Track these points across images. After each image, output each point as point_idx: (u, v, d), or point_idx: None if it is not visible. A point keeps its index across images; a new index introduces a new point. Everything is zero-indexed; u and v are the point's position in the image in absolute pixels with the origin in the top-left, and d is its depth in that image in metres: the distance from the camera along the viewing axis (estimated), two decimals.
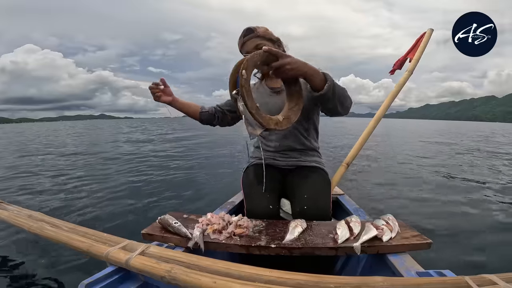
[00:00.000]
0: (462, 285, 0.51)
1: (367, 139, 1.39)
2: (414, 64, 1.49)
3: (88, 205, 2.59)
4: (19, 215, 1.00)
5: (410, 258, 0.76)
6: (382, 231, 0.82)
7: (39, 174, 4.13)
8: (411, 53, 1.58)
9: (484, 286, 0.50)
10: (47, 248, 1.65)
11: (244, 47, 1.17)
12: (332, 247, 0.79)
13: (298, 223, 0.89)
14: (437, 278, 0.55)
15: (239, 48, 1.21)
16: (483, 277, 0.54)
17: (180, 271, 0.62)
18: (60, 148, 8.27)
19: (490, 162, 5.53)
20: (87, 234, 0.79)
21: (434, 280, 0.54)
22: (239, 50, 1.21)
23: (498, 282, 0.50)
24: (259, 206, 1.04)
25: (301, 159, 1.22)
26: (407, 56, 1.61)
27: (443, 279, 0.54)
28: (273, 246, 0.80)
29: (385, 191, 3.25)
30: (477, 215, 2.48)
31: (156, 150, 7.12)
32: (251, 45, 1.15)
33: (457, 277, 0.54)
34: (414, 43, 1.61)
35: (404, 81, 1.48)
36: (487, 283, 0.51)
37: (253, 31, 1.15)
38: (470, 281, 0.51)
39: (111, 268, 0.70)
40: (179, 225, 0.85)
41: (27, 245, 1.71)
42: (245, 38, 1.15)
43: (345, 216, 0.98)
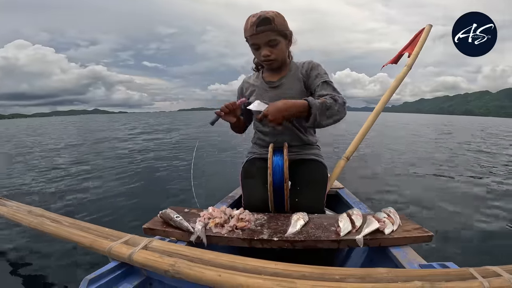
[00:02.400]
0: (466, 277, 0.51)
1: (366, 133, 1.39)
2: (413, 59, 1.49)
3: (88, 201, 2.57)
4: (18, 211, 0.99)
5: (412, 250, 0.76)
6: (384, 224, 0.83)
7: (36, 170, 4.08)
8: (408, 48, 1.58)
9: (488, 277, 0.50)
10: (48, 244, 1.64)
11: (254, 38, 1.04)
12: (335, 240, 0.79)
13: (300, 216, 0.89)
14: (441, 270, 0.55)
15: (245, 34, 1.07)
16: (487, 269, 0.54)
17: (184, 264, 0.62)
18: (58, 143, 8.18)
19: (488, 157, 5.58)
20: (88, 229, 0.78)
21: (438, 271, 0.54)
22: (245, 36, 1.07)
23: (502, 274, 0.51)
24: (255, 197, 1.04)
25: (299, 153, 1.22)
26: (404, 51, 1.60)
27: (447, 270, 0.54)
28: (275, 239, 0.80)
29: (384, 185, 3.29)
30: (477, 207, 2.51)
31: (154, 145, 7.10)
32: (263, 39, 1.04)
33: (461, 268, 0.55)
34: (412, 39, 1.60)
35: (403, 75, 1.48)
36: (491, 274, 0.51)
37: (270, 23, 1.01)
38: (474, 272, 0.51)
39: (114, 263, 0.69)
40: (181, 219, 0.85)
41: (28, 242, 1.69)
42: (259, 29, 1.01)
43: (345, 209, 0.99)
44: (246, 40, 1.09)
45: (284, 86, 1.17)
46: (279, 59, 1.11)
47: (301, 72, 1.16)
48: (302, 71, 1.16)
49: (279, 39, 1.06)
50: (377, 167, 4.34)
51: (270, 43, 1.05)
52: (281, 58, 1.13)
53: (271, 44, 1.06)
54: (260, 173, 1.11)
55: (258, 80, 1.24)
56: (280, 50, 1.09)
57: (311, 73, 1.15)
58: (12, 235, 1.78)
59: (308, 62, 1.18)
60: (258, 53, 1.10)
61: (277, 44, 1.07)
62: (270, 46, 1.06)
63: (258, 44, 1.06)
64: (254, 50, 1.12)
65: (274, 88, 1.19)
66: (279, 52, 1.09)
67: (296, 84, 1.15)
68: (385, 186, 3.26)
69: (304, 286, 0.53)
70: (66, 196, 2.72)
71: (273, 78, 1.20)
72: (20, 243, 1.69)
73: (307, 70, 1.16)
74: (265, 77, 1.23)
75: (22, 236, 1.76)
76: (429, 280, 0.49)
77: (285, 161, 0.98)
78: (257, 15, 1.02)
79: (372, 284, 0.50)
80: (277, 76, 1.19)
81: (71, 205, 2.45)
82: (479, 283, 0.49)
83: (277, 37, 1.05)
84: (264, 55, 1.07)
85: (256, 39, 1.05)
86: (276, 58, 1.10)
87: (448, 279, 0.51)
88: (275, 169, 1.01)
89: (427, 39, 1.53)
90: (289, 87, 1.16)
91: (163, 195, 2.80)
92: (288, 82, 1.17)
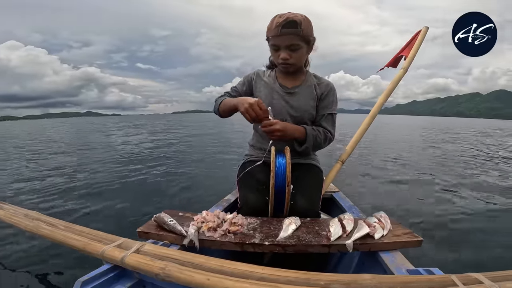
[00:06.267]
0: (448, 283, 0.52)
1: (362, 136, 1.39)
2: (409, 62, 1.49)
3: (83, 204, 2.58)
4: (15, 214, 1.00)
5: (401, 255, 0.77)
6: (374, 229, 0.84)
7: (32, 173, 4.11)
8: (405, 51, 1.58)
9: (469, 284, 0.51)
10: (43, 247, 1.66)
11: (276, 39, 1.03)
12: (325, 245, 0.80)
13: (292, 221, 0.90)
14: (425, 276, 0.56)
15: (267, 33, 1.05)
16: (469, 276, 0.55)
17: (174, 268, 0.63)
18: (52, 146, 8.21)
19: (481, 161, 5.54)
20: (82, 232, 0.80)
21: (422, 278, 0.55)
22: (267, 35, 1.06)
23: (483, 281, 0.52)
24: (252, 200, 1.03)
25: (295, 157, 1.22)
26: (401, 54, 1.60)
27: (431, 277, 0.55)
28: (267, 244, 0.81)
29: (379, 189, 3.29)
30: (468, 213, 2.50)
31: (150, 147, 7.12)
32: (286, 41, 1.02)
33: (444, 275, 0.56)
34: (408, 41, 1.60)
35: (399, 78, 1.48)
36: (473, 281, 0.52)
37: (297, 26, 0.99)
38: (456, 280, 0.52)
39: (107, 266, 0.70)
40: (174, 223, 0.86)
41: (23, 244, 1.71)
42: (283, 31, 0.99)
43: (340, 213, 1.00)
44: (267, 39, 1.08)
45: (297, 96, 1.17)
46: (297, 64, 1.11)
47: (315, 90, 1.18)
48: (317, 90, 1.18)
49: (301, 45, 1.05)
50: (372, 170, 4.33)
51: (292, 47, 1.04)
52: (299, 64, 1.12)
53: (292, 48, 1.05)
54: (258, 176, 1.12)
55: (272, 79, 1.21)
56: (299, 55, 1.08)
57: (325, 98, 1.18)
58: (5, 237, 1.80)
59: (326, 84, 1.20)
60: (277, 55, 1.08)
61: (298, 49, 1.05)
62: (290, 49, 1.05)
63: (279, 45, 1.05)
64: (273, 51, 1.10)
65: (288, 94, 1.18)
66: (298, 57, 1.08)
67: (309, 99, 1.17)
68: (379, 190, 3.26)
69: None
70: (61, 200, 2.74)
71: (287, 83, 1.19)
72: (13, 245, 1.71)
73: (323, 93, 1.18)
74: (279, 78, 1.21)
75: (16, 239, 1.78)
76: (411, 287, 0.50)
77: (287, 164, 0.97)
78: (284, 16, 1.00)
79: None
80: (291, 82, 1.19)
81: (66, 209, 2.46)
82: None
83: (299, 42, 1.03)
84: (283, 58, 1.06)
85: (278, 41, 1.03)
86: (294, 63, 1.09)
87: (430, 286, 0.52)
88: (277, 172, 1.01)
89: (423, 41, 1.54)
90: (303, 99, 1.17)
91: (157, 199, 2.80)
92: (302, 93, 1.17)
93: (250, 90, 1.24)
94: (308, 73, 1.23)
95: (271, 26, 1.02)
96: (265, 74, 1.24)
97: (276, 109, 1.15)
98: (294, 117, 1.16)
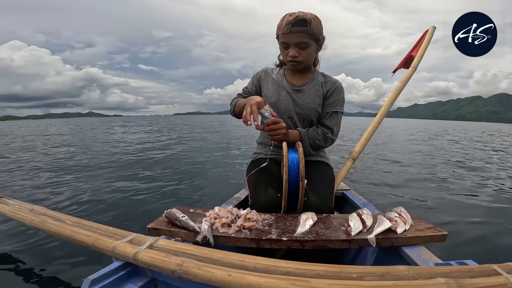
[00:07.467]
0: (490, 273, 0.49)
1: (372, 134, 1.38)
2: (418, 60, 1.49)
3: (91, 200, 2.52)
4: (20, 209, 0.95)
5: (426, 250, 0.74)
6: (396, 223, 0.81)
7: (39, 169, 4.02)
8: (414, 51, 1.58)
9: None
10: (50, 243, 1.59)
11: (286, 37, 1.04)
12: (346, 240, 0.77)
13: (308, 216, 0.87)
14: (464, 267, 0.53)
15: (277, 31, 1.07)
16: (509, 265, 0.52)
17: (192, 264, 0.59)
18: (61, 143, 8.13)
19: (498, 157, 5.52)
20: (91, 227, 0.75)
21: (461, 268, 0.52)
22: (277, 33, 1.07)
23: None
24: (264, 197, 1.01)
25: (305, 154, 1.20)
26: (410, 54, 1.60)
27: (470, 267, 0.52)
28: (284, 239, 0.77)
29: (391, 186, 3.25)
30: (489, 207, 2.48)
31: (159, 146, 7.08)
32: (295, 39, 1.03)
33: (483, 265, 0.52)
34: (417, 41, 1.61)
35: (408, 77, 1.47)
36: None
37: (307, 24, 1.00)
38: (498, 269, 0.49)
39: (118, 263, 0.66)
40: (187, 218, 0.82)
41: (30, 241, 1.65)
42: (293, 29, 1.01)
43: (353, 211, 0.97)
44: (276, 37, 1.09)
45: (304, 93, 1.17)
46: (306, 62, 1.11)
47: (322, 88, 1.18)
48: (324, 88, 1.18)
49: (311, 43, 1.06)
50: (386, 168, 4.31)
51: (301, 45, 1.05)
52: (307, 62, 1.13)
53: (301, 46, 1.06)
54: (268, 173, 1.10)
55: (280, 76, 1.21)
56: (308, 54, 1.08)
57: (331, 95, 1.17)
58: (12, 234, 1.74)
59: (333, 82, 1.20)
60: (286, 52, 1.09)
61: (307, 47, 1.06)
62: (299, 47, 1.06)
63: (288, 43, 1.06)
64: (283, 49, 1.11)
65: (295, 91, 1.18)
66: (307, 55, 1.09)
67: (315, 97, 1.17)
68: (393, 187, 3.22)
69: (320, 284, 0.50)
70: (69, 195, 2.67)
71: (295, 81, 1.19)
72: (20, 242, 1.65)
73: (329, 91, 1.18)
74: (287, 75, 1.21)
75: (22, 235, 1.71)
76: (453, 276, 0.47)
77: (300, 159, 0.96)
78: (294, 15, 1.01)
79: (394, 282, 0.47)
80: (299, 80, 1.19)
81: (74, 204, 2.40)
82: (504, 279, 0.47)
83: (309, 40, 1.05)
84: (291, 55, 1.07)
85: (288, 38, 1.04)
86: (302, 61, 1.09)
87: (472, 275, 0.48)
88: (290, 167, 0.98)
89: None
90: (309, 96, 1.16)
91: (168, 196, 2.75)
92: (309, 90, 1.17)
93: (259, 87, 1.24)
94: (317, 71, 1.23)
95: (281, 24, 1.04)
96: (273, 71, 1.25)
97: (282, 105, 1.16)
98: (300, 114, 1.17)
